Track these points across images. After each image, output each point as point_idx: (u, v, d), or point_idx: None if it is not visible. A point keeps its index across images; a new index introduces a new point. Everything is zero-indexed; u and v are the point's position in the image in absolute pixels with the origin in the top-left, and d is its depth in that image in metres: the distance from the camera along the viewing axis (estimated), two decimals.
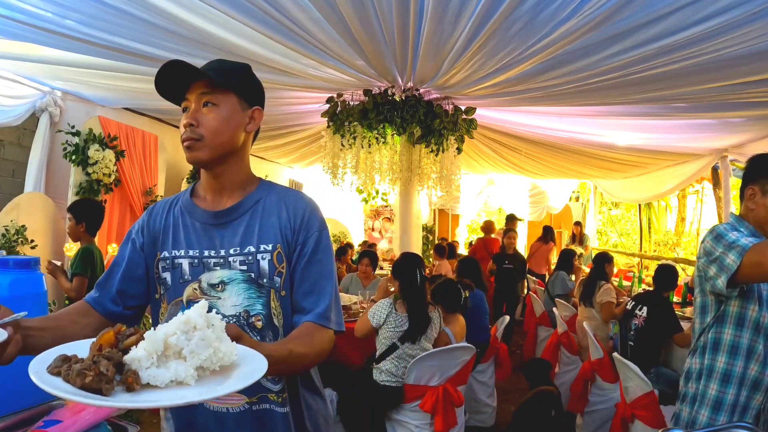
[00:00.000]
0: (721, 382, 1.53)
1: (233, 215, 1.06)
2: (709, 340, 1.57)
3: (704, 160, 5.23)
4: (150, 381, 0.65)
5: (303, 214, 1.07)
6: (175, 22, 2.42)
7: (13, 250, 3.25)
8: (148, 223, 1.12)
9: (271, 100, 4.04)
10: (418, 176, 3.83)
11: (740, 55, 2.40)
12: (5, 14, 2.29)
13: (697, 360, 1.60)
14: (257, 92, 1.11)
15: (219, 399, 1.00)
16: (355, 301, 3.68)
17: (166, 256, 1.06)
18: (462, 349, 2.57)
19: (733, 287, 1.45)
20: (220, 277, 1.02)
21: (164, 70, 0.98)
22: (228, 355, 0.70)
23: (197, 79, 1.02)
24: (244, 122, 1.07)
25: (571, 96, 3.36)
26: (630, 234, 12.00)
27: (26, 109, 3.61)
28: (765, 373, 1.50)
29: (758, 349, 1.50)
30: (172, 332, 0.68)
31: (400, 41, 2.63)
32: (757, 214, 1.56)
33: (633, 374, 2.33)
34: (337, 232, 8.16)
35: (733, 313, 1.53)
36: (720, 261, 1.46)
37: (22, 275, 1.27)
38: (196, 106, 1.02)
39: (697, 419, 1.56)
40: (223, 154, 1.04)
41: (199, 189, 1.13)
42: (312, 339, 0.99)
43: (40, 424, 1.06)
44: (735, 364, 1.51)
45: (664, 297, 3.06)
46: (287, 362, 0.90)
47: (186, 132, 1.02)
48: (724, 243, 1.47)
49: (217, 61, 1.08)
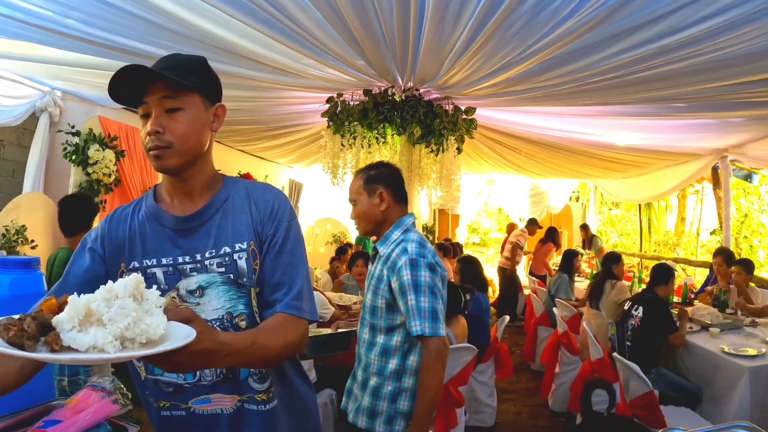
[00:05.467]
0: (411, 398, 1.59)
1: (204, 217, 1.02)
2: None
3: (704, 160, 5.23)
4: (71, 344, 0.67)
5: (272, 206, 1.05)
6: (176, 22, 2.42)
7: (13, 250, 3.24)
8: (109, 232, 1.04)
9: (271, 100, 4.05)
10: (418, 176, 3.83)
11: (740, 55, 2.39)
12: (5, 13, 2.29)
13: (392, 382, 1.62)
14: (217, 87, 1.06)
15: (212, 402, 1.00)
16: (355, 301, 3.68)
17: (136, 267, 1.00)
18: (463, 349, 2.57)
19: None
20: (197, 282, 0.99)
21: (119, 76, 0.90)
22: (153, 327, 0.70)
23: (155, 81, 0.95)
24: (209, 122, 1.03)
25: (571, 96, 3.36)
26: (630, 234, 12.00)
27: (26, 109, 3.61)
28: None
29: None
30: (94, 299, 0.69)
31: (400, 41, 2.63)
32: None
33: (633, 374, 2.34)
34: (337, 232, 8.16)
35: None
36: (421, 308, 1.50)
37: (22, 275, 1.27)
38: (158, 111, 0.95)
39: None
40: (192, 158, 1.00)
41: (163, 193, 1.07)
42: (280, 330, 0.96)
43: (40, 424, 1.06)
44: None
45: (660, 297, 3.05)
46: (248, 353, 0.87)
47: (151, 140, 0.95)
48: (425, 288, 1.52)
49: (171, 59, 1.00)
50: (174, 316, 0.76)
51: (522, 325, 6.04)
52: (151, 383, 1.04)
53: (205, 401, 1.01)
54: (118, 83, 0.92)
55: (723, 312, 3.51)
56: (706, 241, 9.62)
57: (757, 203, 9.02)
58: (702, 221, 9.57)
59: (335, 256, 5.58)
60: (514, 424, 3.49)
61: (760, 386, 2.44)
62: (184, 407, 1.02)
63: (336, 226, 8.31)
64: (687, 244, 9.69)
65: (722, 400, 2.59)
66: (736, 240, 8.28)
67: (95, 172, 3.78)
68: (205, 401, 1.01)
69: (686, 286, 4.41)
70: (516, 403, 3.87)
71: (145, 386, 1.06)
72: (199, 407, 1.02)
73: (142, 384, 1.06)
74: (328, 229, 8.24)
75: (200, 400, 1.01)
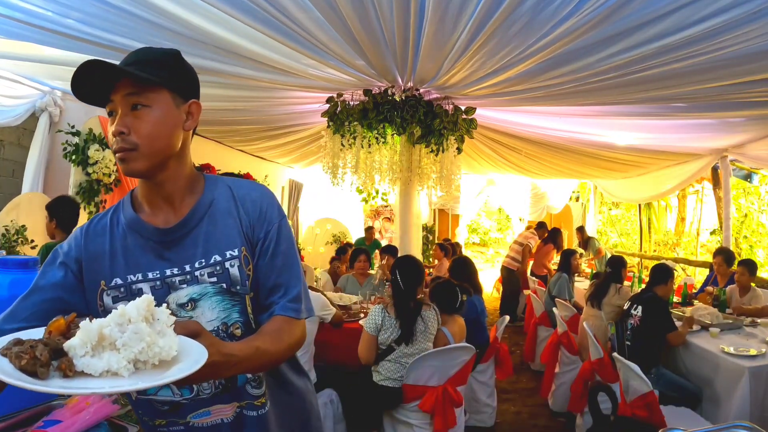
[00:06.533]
0: None
1: (189, 225, 0.96)
2: None
3: (704, 160, 5.23)
4: (84, 369, 0.67)
5: (260, 207, 1.00)
6: (176, 22, 2.42)
7: (13, 250, 3.24)
8: (85, 246, 0.96)
9: (271, 100, 4.05)
10: (418, 176, 3.83)
11: (740, 54, 2.40)
12: (5, 13, 2.29)
13: None
14: (192, 83, 0.98)
15: (212, 414, 0.98)
16: (355, 301, 3.68)
17: (119, 284, 0.93)
18: (461, 349, 2.57)
19: None
20: (188, 295, 0.94)
21: (81, 73, 0.83)
22: (166, 349, 0.70)
23: (121, 77, 0.88)
24: (181, 120, 0.94)
25: (571, 96, 3.36)
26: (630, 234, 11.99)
27: (26, 109, 3.61)
28: None
29: None
30: (107, 324, 0.69)
31: (400, 41, 2.63)
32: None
33: (633, 374, 2.34)
34: (337, 232, 8.16)
35: None
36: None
37: (22, 275, 1.28)
38: (123, 109, 0.88)
39: None
40: (162, 160, 0.92)
41: (141, 202, 0.99)
42: (281, 334, 0.94)
43: (40, 424, 1.06)
44: None
45: (659, 296, 3.05)
46: (254, 360, 0.86)
47: (117, 142, 0.88)
48: None
49: (141, 52, 0.93)
50: (182, 331, 0.75)
51: (522, 325, 6.03)
52: (144, 402, 0.99)
53: (205, 414, 0.98)
54: (81, 80, 0.86)
55: (723, 312, 3.51)
56: (706, 241, 9.61)
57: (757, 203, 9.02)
58: (702, 221, 9.56)
59: (335, 256, 5.58)
60: (514, 424, 3.49)
61: (760, 386, 2.44)
62: (183, 422, 0.98)
63: (336, 226, 8.32)
64: (687, 244, 9.69)
65: (722, 400, 2.59)
66: (736, 240, 8.28)
67: (95, 172, 3.78)
68: (204, 414, 0.98)
69: (686, 286, 4.41)
70: (516, 403, 3.87)
71: (137, 405, 1.02)
72: (198, 421, 0.98)
73: (134, 403, 1.02)
74: (328, 229, 8.25)
75: (199, 414, 0.98)
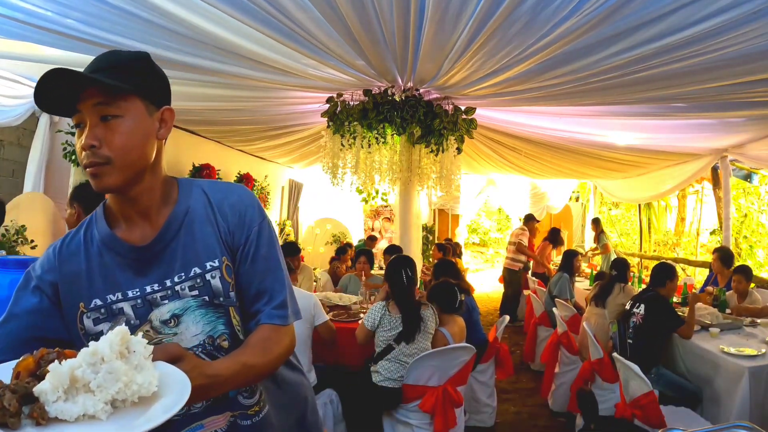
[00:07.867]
0: None
1: (166, 239, 0.91)
2: None
3: (704, 160, 5.23)
4: (58, 415, 0.61)
5: (239, 211, 0.95)
6: (175, 22, 2.42)
7: (13, 250, 3.24)
8: (60, 268, 0.91)
9: (271, 100, 4.05)
10: (418, 176, 3.83)
11: (740, 54, 2.39)
12: (5, 13, 2.29)
13: None
14: (164, 88, 0.93)
15: (205, 427, 0.95)
16: (355, 301, 3.68)
17: (98, 305, 0.89)
18: (461, 349, 2.57)
19: None
20: (171, 311, 0.90)
21: (44, 82, 0.77)
22: (145, 386, 0.65)
23: (88, 85, 0.82)
24: (154, 129, 0.89)
25: (571, 96, 3.36)
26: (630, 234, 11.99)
27: (26, 109, 3.61)
28: None
29: None
30: (78, 365, 0.63)
31: (400, 41, 2.63)
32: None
33: (633, 374, 2.34)
34: (337, 232, 8.16)
35: None
36: None
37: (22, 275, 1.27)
38: (92, 120, 0.82)
39: None
40: (137, 173, 0.87)
41: (116, 217, 0.94)
42: (269, 343, 0.91)
43: None
44: None
45: (662, 295, 3.05)
46: (241, 376, 0.84)
47: (87, 156, 0.82)
48: None
49: (108, 58, 0.88)
50: (162, 356, 0.72)
51: (522, 325, 6.03)
52: None
53: (198, 428, 0.95)
54: (46, 91, 0.79)
55: (723, 312, 3.51)
56: (706, 241, 9.61)
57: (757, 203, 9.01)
58: (702, 221, 9.56)
59: (335, 256, 5.58)
60: (514, 424, 3.49)
61: (760, 386, 2.44)
62: None
63: (336, 226, 8.31)
64: (687, 244, 9.68)
65: (722, 400, 2.59)
66: (735, 240, 8.27)
67: None
68: (197, 428, 0.95)
69: (686, 286, 4.41)
70: (516, 403, 3.87)
71: None
72: None
73: None
74: (328, 229, 8.25)
75: (193, 429, 0.94)
